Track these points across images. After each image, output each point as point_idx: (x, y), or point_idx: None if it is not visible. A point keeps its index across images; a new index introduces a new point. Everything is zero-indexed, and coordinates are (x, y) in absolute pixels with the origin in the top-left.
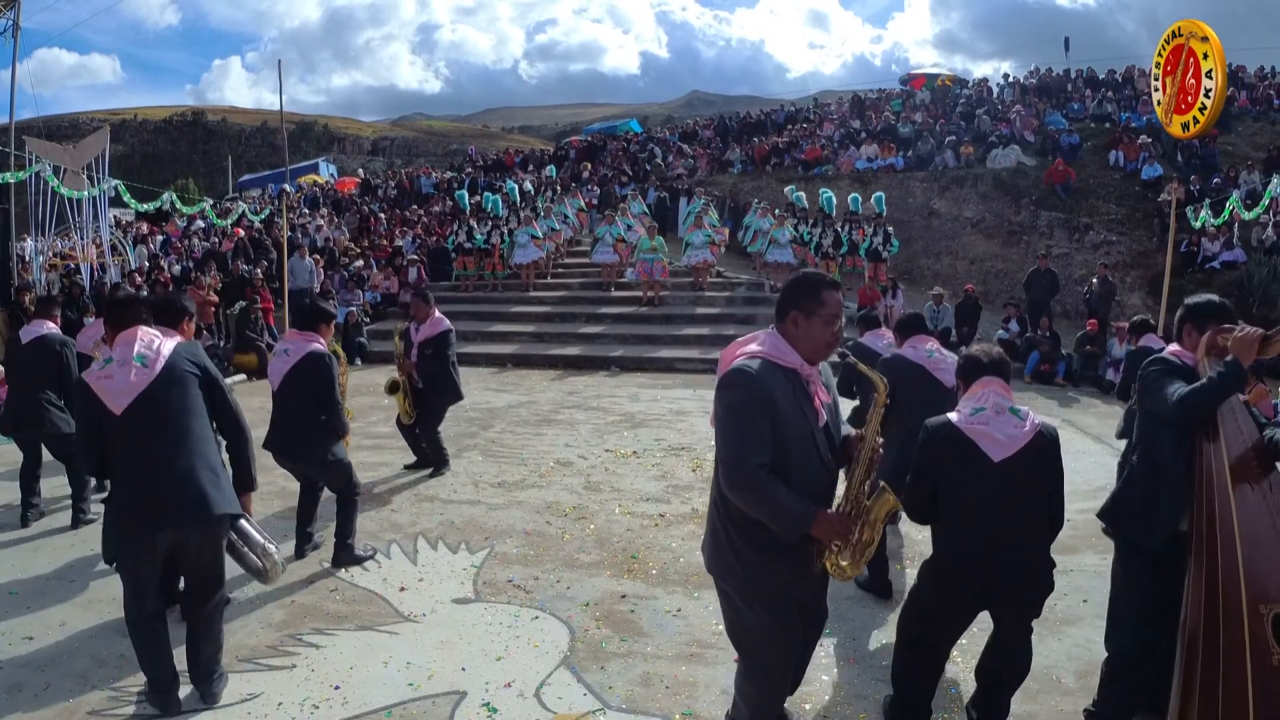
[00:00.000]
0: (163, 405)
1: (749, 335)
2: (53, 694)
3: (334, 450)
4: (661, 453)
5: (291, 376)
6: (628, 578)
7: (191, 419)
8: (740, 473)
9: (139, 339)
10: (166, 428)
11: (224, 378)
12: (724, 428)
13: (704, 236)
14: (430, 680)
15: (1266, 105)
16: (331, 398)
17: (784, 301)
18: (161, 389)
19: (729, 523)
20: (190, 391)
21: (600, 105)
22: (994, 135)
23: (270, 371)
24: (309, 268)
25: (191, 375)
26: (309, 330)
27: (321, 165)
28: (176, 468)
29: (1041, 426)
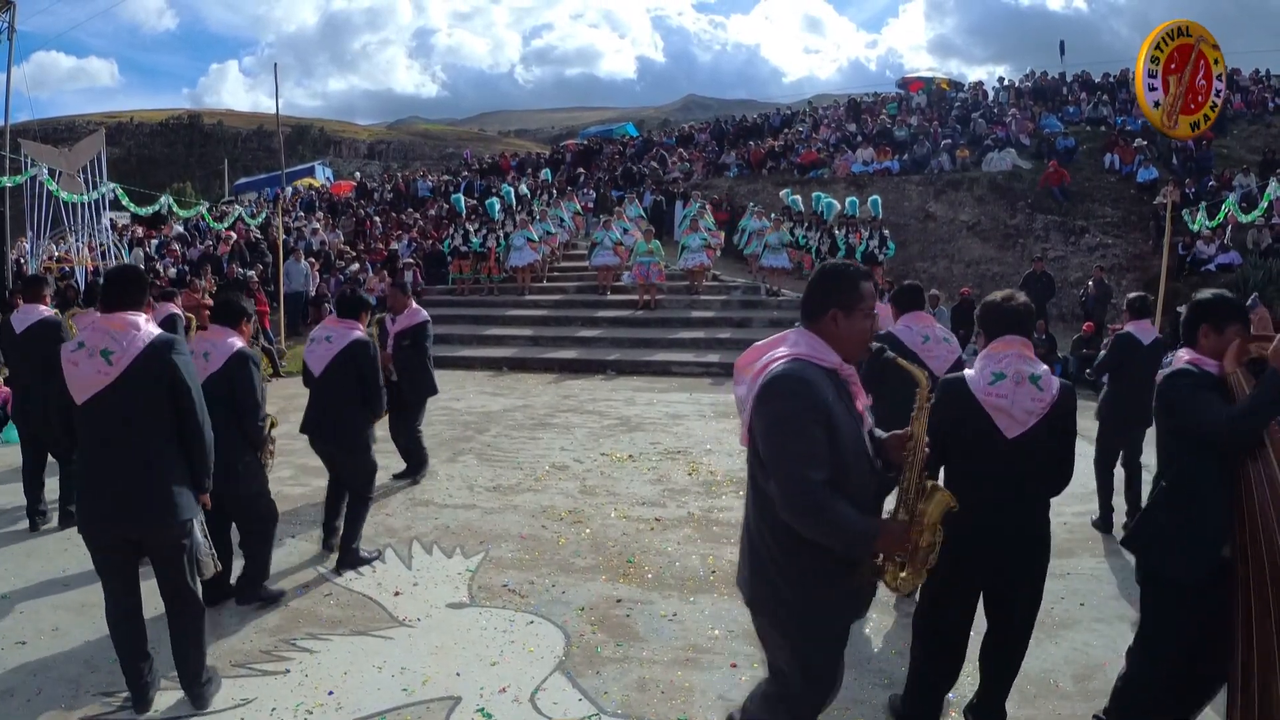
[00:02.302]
0: (122, 405)
1: (773, 338)
2: (45, 699)
3: (369, 441)
4: (657, 456)
5: (336, 363)
6: (623, 582)
7: (150, 421)
8: (803, 495)
9: (110, 329)
10: (124, 428)
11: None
12: (777, 444)
13: (700, 240)
14: (425, 685)
15: (1261, 108)
16: (376, 382)
17: (820, 297)
18: (122, 388)
19: (775, 547)
20: (152, 394)
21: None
22: (989, 139)
23: (311, 359)
24: (304, 271)
25: (156, 378)
26: (349, 318)
27: (318, 169)
28: (131, 470)
29: (1059, 393)
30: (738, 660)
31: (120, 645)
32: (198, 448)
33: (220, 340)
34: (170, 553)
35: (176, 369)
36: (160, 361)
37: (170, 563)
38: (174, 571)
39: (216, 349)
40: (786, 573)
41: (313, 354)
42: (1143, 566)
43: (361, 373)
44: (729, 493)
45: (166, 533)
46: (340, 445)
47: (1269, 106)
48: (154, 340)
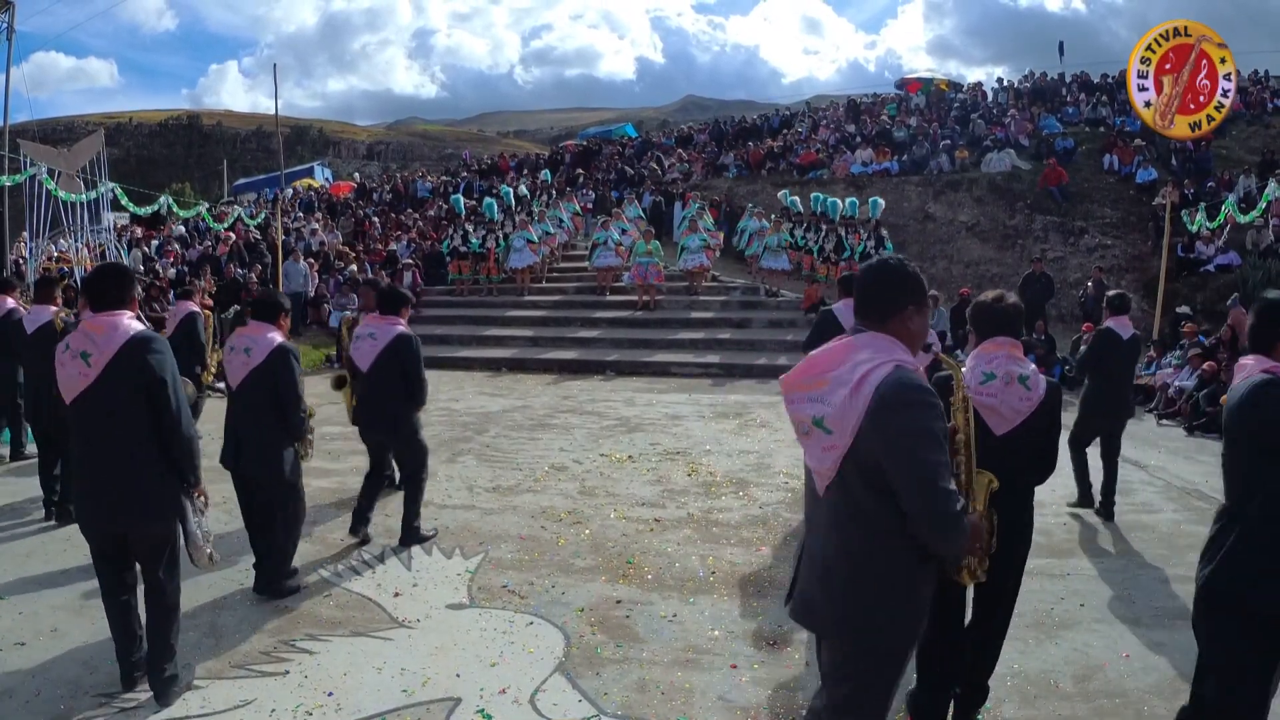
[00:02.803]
0: (102, 405)
1: (837, 346)
2: (44, 700)
3: (417, 426)
4: (657, 457)
5: (382, 358)
6: (623, 583)
7: (129, 420)
8: (952, 509)
9: (89, 331)
10: (106, 428)
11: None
12: (917, 457)
13: (699, 241)
14: (424, 687)
15: (1260, 109)
16: (420, 373)
17: (893, 294)
18: (101, 388)
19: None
20: (128, 393)
21: (596, 110)
22: (989, 139)
23: (357, 355)
24: (303, 272)
25: (131, 377)
26: (391, 314)
27: (317, 169)
28: (112, 468)
29: (1046, 392)
30: (737, 661)
31: (112, 625)
32: (175, 444)
33: (261, 335)
34: (150, 548)
35: (150, 367)
36: (134, 360)
37: (149, 558)
38: (152, 566)
39: (258, 344)
40: (893, 592)
41: (359, 350)
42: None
43: (405, 365)
44: (728, 493)
45: (146, 529)
46: (392, 434)
47: (1268, 107)
48: (129, 339)
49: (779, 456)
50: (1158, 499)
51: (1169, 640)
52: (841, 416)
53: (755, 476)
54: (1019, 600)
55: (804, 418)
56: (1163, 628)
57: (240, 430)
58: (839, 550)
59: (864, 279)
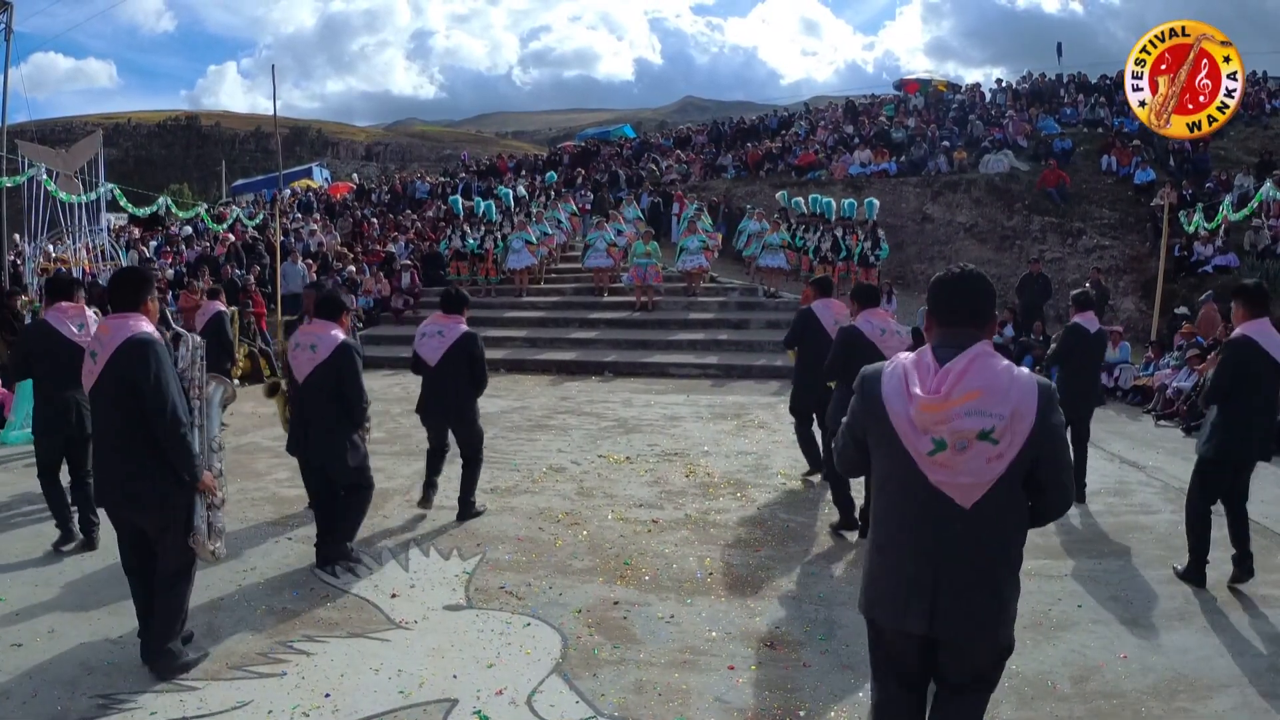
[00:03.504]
0: (104, 400)
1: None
2: (41, 701)
3: (477, 413)
4: (655, 458)
5: (450, 353)
6: (620, 584)
7: (125, 415)
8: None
9: (99, 332)
10: (108, 420)
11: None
12: (1064, 453)
13: (698, 242)
14: (422, 688)
15: (1258, 110)
16: (484, 366)
17: (991, 303)
18: (102, 385)
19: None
20: (121, 391)
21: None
22: (987, 140)
23: (424, 350)
24: (301, 273)
25: (123, 377)
26: (455, 314)
27: (315, 170)
28: (112, 458)
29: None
30: (735, 662)
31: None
32: (165, 442)
33: (325, 333)
34: (154, 533)
35: (135, 368)
36: (124, 362)
37: (155, 540)
38: (159, 548)
39: (323, 341)
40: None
41: (425, 346)
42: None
43: (472, 358)
44: (726, 495)
45: (142, 516)
46: (457, 420)
47: (1266, 108)
48: (125, 340)
49: (777, 458)
50: (1155, 500)
51: (1166, 641)
52: (1012, 425)
53: (753, 478)
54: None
55: (966, 432)
56: (1160, 628)
57: (308, 421)
58: (990, 552)
59: (958, 287)
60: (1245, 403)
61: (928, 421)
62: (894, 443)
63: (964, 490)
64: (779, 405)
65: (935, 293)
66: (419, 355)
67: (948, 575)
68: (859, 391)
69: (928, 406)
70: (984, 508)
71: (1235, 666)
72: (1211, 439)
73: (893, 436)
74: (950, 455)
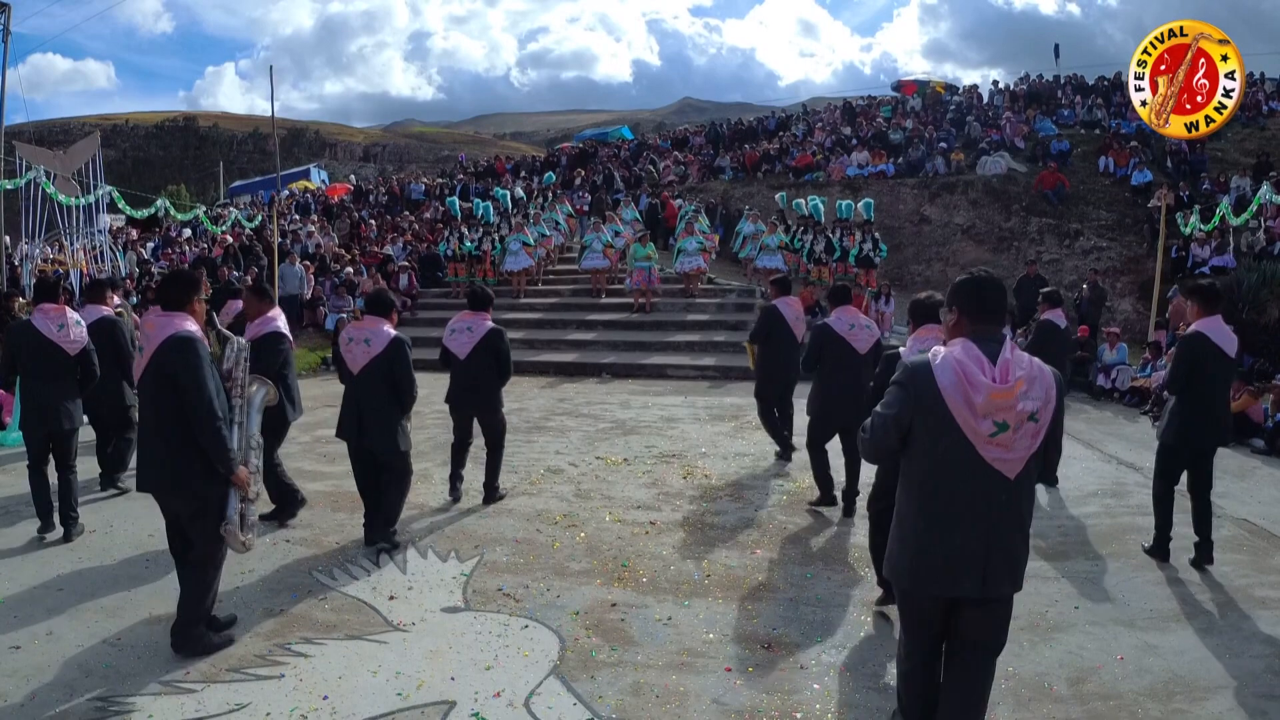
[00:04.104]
0: (148, 390)
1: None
2: (39, 705)
3: (501, 403)
4: (652, 460)
5: (479, 347)
6: (618, 586)
7: (164, 405)
8: None
9: (146, 329)
10: (150, 409)
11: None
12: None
13: (696, 243)
14: (419, 690)
15: (1255, 111)
16: (509, 358)
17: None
18: (146, 376)
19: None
20: (161, 383)
21: (592, 112)
22: (984, 142)
23: (455, 345)
24: (299, 274)
25: (163, 371)
26: (481, 310)
27: (313, 171)
28: (153, 443)
29: None
30: (732, 664)
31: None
32: (200, 434)
33: (378, 328)
34: (186, 515)
35: (174, 364)
36: (166, 358)
37: (187, 524)
38: (190, 530)
39: (376, 336)
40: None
41: (455, 341)
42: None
43: (499, 352)
44: (724, 496)
45: (176, 501)
46: (486, 408)
47: (1263, 110)
48: (167, 338)
49: (774, 459)
50: (1151, 501)
51: (1163, 642)
52: (1045, 404)
53: (751, 479)
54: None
55: (1021, 415)
56: (1157, 630)
57: (363, 409)
58: (1024, 514)
59: (992, 289)
60: (1200, 392)
61: (992, 407)
62: (952, 429)
63: (1011, 465)
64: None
65: (969, 293)
66: (449, 350)
67: (997, 541)
68: (907, 386)
69: (998, 395)
70: (1021, 478)
71: (1232, 668)
72: (1170, 426)
73: (950, 423)
74: (1009, 435)
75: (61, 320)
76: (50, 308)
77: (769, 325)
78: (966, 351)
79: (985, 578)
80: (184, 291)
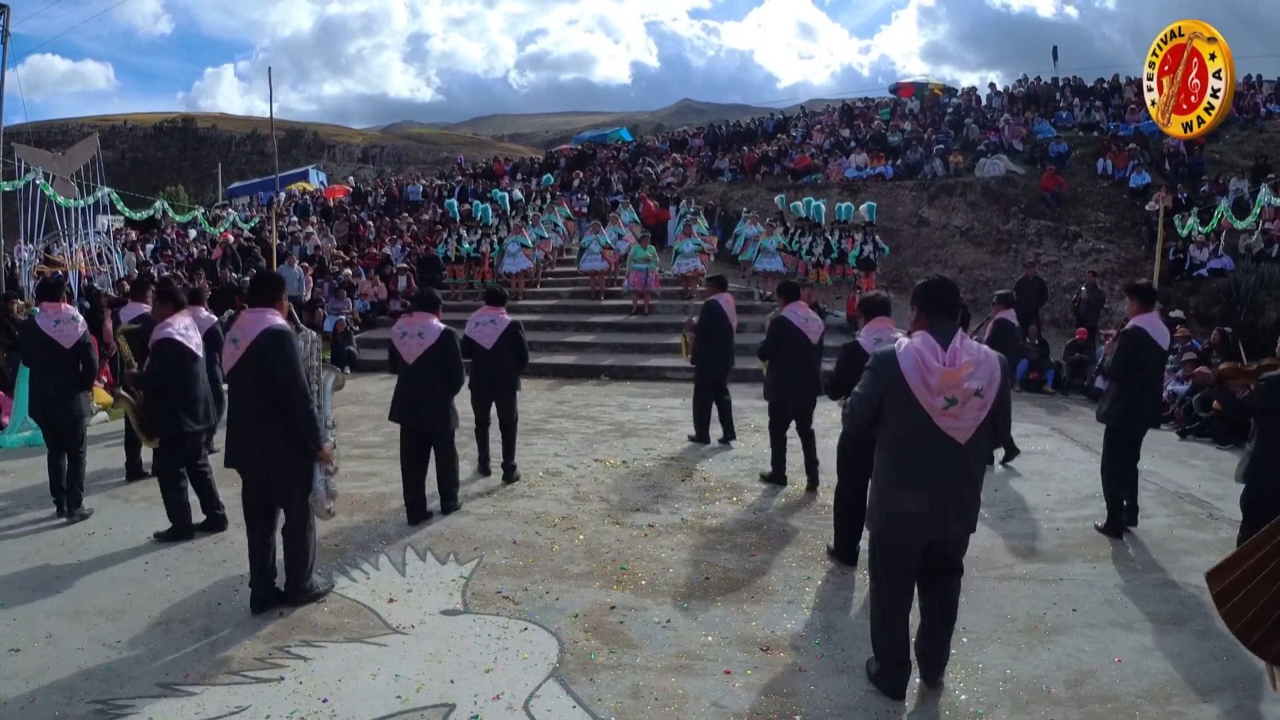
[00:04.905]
0: (246, 377)
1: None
2: (38, 708)
3: (518, 388)
4: (651, 462)
5: (502, 339)
6: (617, 589)
7: (261, 390)
8: None
9: (241, 322)
10: (246, 393)
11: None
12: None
13: (694, 245)
14: (419, 693)
15: (1254, 113)
16: (526, 351)
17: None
18: (243, 365)
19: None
20: (259, 370)
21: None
22: (983, 144)
23: (479, 336)
24: (298, 276)
25: (261, 359)
26: (499, 305)
27: (311, 173)
28: (248, 424)
29: None
30: (731, 667)
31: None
32: (293, 415)
33: (428, 323)
34: (279, 489)
35: (273, 353)
36: (262, 348)
37: (280, 497)
38: (284, 503)
39: (428, 330)
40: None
41: (480, 333)
42: None
43: (518, 340)
44: (722, 498)
45: (268, 475)
46: (507, 391)
47: (1261, 112)
48: (264, 330)
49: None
50: (1150, 503)
51: (1161, 645)
52: (990, 383)
53: (749, 481)
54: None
55: (968, 392)
56: (1155, 632)
57: (420, 394)
58: (975, 472)
59: (946, 290)
60: (1139, 380)
61: (944, 386)
62: (913, 404)
63: (962, 432)
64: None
65: (927, 295)
66: (474, 341)
67: (955, 493)
68: (878, 371)
69: (948, 375)
70: (972, 443)
71: (1230, 670)
72: (1113, 410)
73: (911, 399)
74: (959, 408)
75: (58, 316)
76: (50, 306)
77: (711, 319)
78: (924, 341)
79: (947, 523)
80: (272, 290)
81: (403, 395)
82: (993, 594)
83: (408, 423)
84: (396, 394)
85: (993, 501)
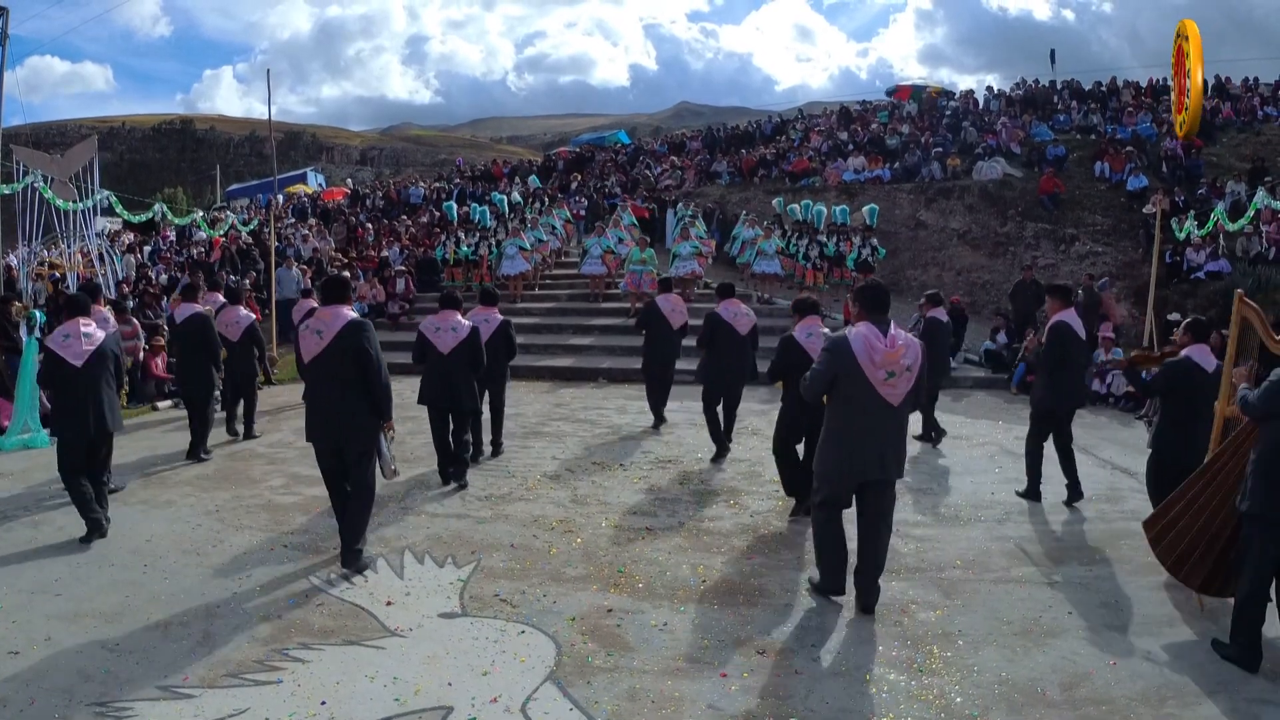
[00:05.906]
0: (330, 363)
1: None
2: (38, 710)
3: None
4: (649, 465)
5: (495, 334)
6: (614, 592)
7: (345, 373)
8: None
9: (322, 316)
10: (331, 377)
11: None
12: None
13: (691, 248)
14: (416, 695)
15: (1251, 116)
16: (515, 346)
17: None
18: (331, 353)
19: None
20: (345, 356)
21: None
22: (980, 147)
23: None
24: (296, 278)
25: (347, 347)
26: (491, 306)
27: (309, 175)
28: (333, 403)
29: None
30: (728, 669)
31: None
32: (376, 391)
33: (457, 319)
34: (355, 456)
35: (360, 342)
36: (349, 337)
37: (355, 463)
38: (358, 469)
39: (459, 326)
40: None
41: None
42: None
43: (508, 338)
44: (720, 501)
45: (353, 443)
46: (497, 382)
47: (1258, 114)
48: (347, 322)
49: (770, 465)
50: (1147, 506)
51: (1156, 648)
52: (915, 361)
53: (747, 485)
54: (1006, 608)
55: (901, 367)
56: (1150, 635)
57: (454, 380)
58: (903, 427)
59: (882, 293)
60: (1064, 369)
61: (886, 362)
62: (861, 377)
63: (896, 397)
64: (771, 413)
65: (869, 296)
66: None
67: (889, 443)
68: (835, 353)
69: (889, 354)
70: (902, 405)
71: (1225, 673)
72: (1046, 396)
73: (860, 373)
74: (896, 379)
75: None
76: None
77: (648, 317)
78: (869, 330)
79: (883, 467)
80: (344, 290)
81: (433, 382)
82: (988, 597)
83: (443, 405)
84: (426, 380)
85: (989, 504)
